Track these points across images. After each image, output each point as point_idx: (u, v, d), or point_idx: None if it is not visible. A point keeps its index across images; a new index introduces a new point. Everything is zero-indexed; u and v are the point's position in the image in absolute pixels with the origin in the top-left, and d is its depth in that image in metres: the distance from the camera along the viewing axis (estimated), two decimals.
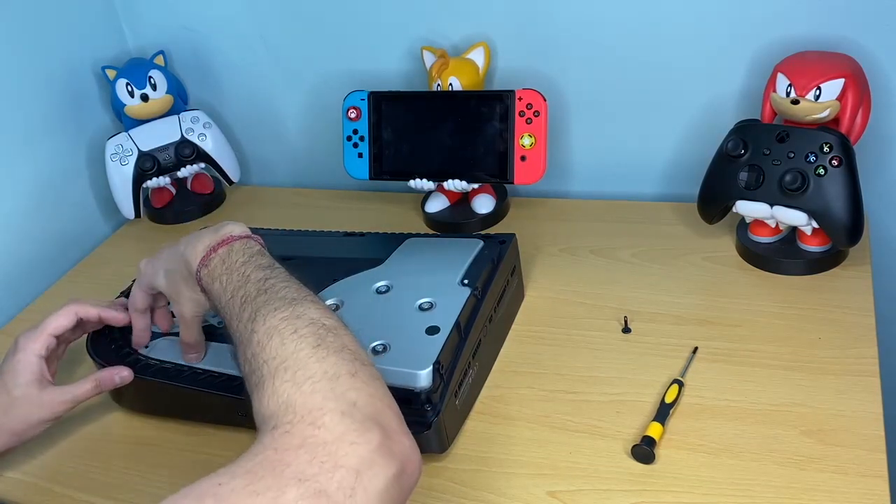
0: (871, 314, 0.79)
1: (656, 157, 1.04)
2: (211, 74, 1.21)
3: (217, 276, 0.64)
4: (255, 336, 0.56)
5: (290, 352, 0.54)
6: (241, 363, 0.58)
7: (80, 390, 0.74)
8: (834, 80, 0.79)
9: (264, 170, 1.28)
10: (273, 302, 0.58)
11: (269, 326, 0.56)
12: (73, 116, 1.14)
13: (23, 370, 0.73)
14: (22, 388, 0.72)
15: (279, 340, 0.54)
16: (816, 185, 0.80)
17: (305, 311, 0.57)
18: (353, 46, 1.10)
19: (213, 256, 0.66)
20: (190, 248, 0.68)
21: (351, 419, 0.49)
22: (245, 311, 0.59)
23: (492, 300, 0.79)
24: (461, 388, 0.72)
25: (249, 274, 0.63)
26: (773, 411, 0.70)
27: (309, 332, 0.55)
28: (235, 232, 0.68)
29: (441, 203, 1.06)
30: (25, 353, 0.73)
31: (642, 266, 0.92)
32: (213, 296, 0.65)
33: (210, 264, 0.66)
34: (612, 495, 0.65)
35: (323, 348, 0.54)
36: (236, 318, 0.60)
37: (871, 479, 0.63)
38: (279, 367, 0.53)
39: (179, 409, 0.78)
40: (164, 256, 0.72)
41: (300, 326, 0.55)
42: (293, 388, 0.51)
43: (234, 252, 0.65)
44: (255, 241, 0.68)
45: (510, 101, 0.94)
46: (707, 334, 0.80)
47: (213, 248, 0.66)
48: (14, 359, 0.73)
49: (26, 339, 0.74)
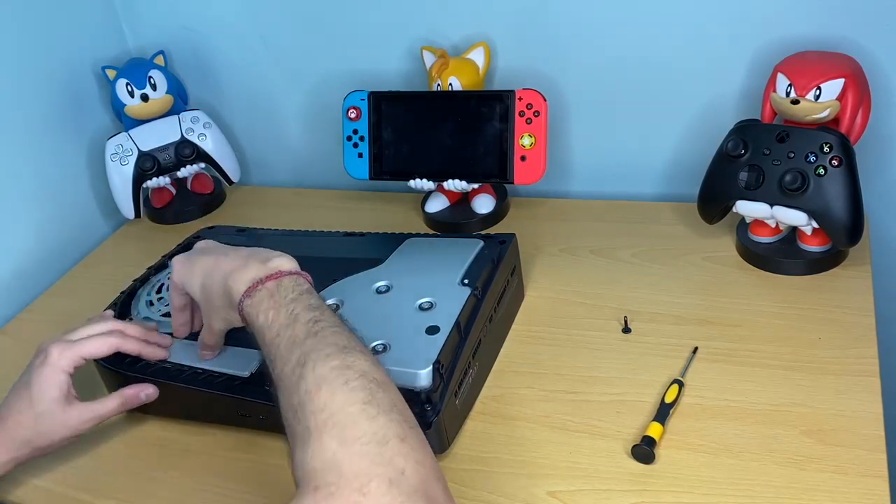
0: (871, 314, 0.79)
1: (656, 157, 1.04)
2: (211, 74, 1.21)
3: (263, 310, 0.62)
4: (304, 384, 0.54)
5: (339, 406, 0.52)
6: (284, 408, 0.56)
7: (106, 408, 0.73)
8: (834, 80, 0.79)
9: (264, 170, 1.28)
10: (323, 348, 0.56)
11: (318, 375, 0.54)
12: (73, 116, 1.14)
13: (49, 386, 0.71)
14: (47, 403, 0.70)
15: (329, 392, 0.53)
16: (816, 185, 0.80)
17: (356, 362, 0.55)
18: (353, 46, 1.10)
19: (259, 289, 0.63)
20: (235, 276, 0.66)
21: (398, 489, 0.48)
22: (293, 354, 0.57)
23: (492, 300, 0.79)
24: (461, 387, 0.72)
25: (298, 313, 0.60)
26: (773, 411, 0.70)
27: (360, 385, 0.53)
28: (285, 267, 0.65)
29: (441, 203, 1.06)
30: (54, 370, 0.71)
31: (642, 266, 0.92)
32: (255, 328, 0.63)
33: (255, 296, 0.63)
34: (612, 495, 0.65)
35: (373, 405, 0.52)
36: (282, 360, 0.58)
37: (871, 479, 0.63)
38: (327, 421, 0.51)
39: (180, 408, 0.78)
40: (203, 268, 0.70)
41: (351, 378, 0.54)
42: (340, 447, 0.50)
43: (282, 287, 0.63)
44: (304, 277, 0.66)
45: (510, 101, 0.94)
46: (707, 334, 0.80)
47: (261, 281, 0.64)
48: (42, 372, 0.71)
49: (58, 352, 0.72)
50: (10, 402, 0.72)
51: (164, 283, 0.88)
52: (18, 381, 0.73)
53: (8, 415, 0.71)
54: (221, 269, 0.68)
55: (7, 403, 0.72)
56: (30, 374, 0.72)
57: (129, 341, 0.75)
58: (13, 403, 0.71)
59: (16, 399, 0.71)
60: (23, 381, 0.72)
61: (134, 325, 0.78)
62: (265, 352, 0.61)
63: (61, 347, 0.72)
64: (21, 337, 0.99)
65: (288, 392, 0.56)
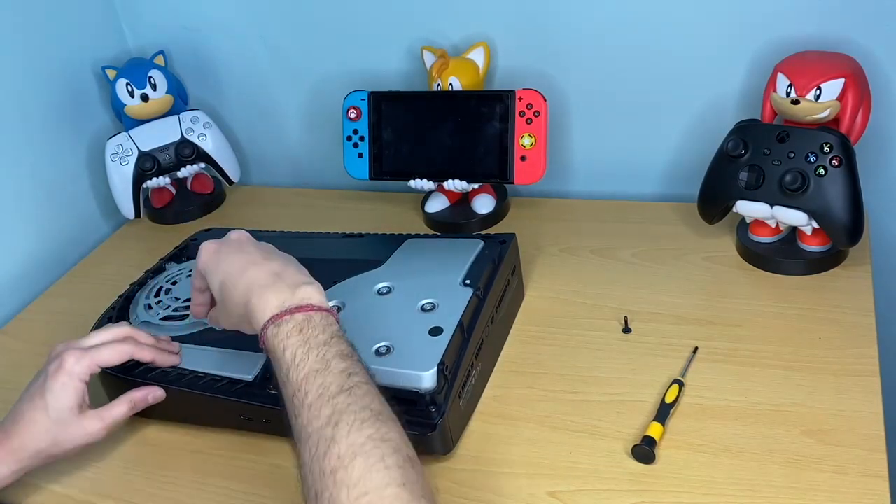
0: (871, 314, 0.79)
1: (656, 157, 1.04)
2: (211, 74, 1.21)
3: (290, 344, 0.60)
4: (336, 448, 0.53)
5: (375, 486, 0.51)
6: (308, 464, 0.54)
7: (118, 413, 0.72)
8: (834, 80, 0.79)
9: (264, 170, 1.28)
10: (358, 411, 0.55)
11: (352, 443, 0.53)
12: (73, 116, 1.14)
13: (66, 395, 0.70)
14: (63, 412, 0.69)
15: (365, 466, 0.52)
16: (816, 185, 0.80)
17: (390, 434, 0.55)
18: (353, 46, 1.10)
19: (287, 319, 0.61)
20: (261, 295, 0.63)
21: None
22: (323, 409, 0.56)
23: (493, 300, 0.79)
24: (465, 388, 0.72)
25: (330, 360, 0.59)
26: (773, 411, 0.70)
27: (394, 463, 0.53)
28: (314, 300, 0.63)
29: (441, 203, 1.06)
30: (71, 377, 0.70)
31: (642, 266, 0.92)
32: (278, 360, 0.61)
33: (283, 326, 0.61)
34: (612, 495, 0.65)
35: (407, 490, 0.52)
36: (310, 411, 0.56)
37: (871, 479, 0.63)
38: (360, 498, 0.51)
39: (183, 412, 0.78)
40: (228, 268, 0.67)
41: (387, 454, 0.53)
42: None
43: (312, 324, 0.61)
44: (332, 315, 0.64)
45: (510, 101, 0.94)
46: (707, 334, 0.80)
47: (290, 311, 0.62)
48: (58, 379, 0.70)
49: (74, 360, 0.70)
50: (22, 409, 0.70)
51: (163, 287, 0.88)
52: (30, 388, 0.72)
53: (21, 423, 0.70)
54: (247, 279, 0.65)
55: (19, 411, 0.70)
56: (44, 381, 0.71)
57: (143, 349, 0.75)
58: (26, 411, 0.70)
59: (29, 407, 0.70)
60: (36, 389, 0.71)
61: (145, 333, 0.77)
62: (287, 390, 0.59)
63: (77, 355, 0.71)
64: (21, 337, 0.98)
65: (315, 449, 0.54)
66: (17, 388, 0.88)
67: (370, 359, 0.70)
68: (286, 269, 0.66)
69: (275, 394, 0.71)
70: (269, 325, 0.62)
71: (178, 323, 0.82)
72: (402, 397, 0.68)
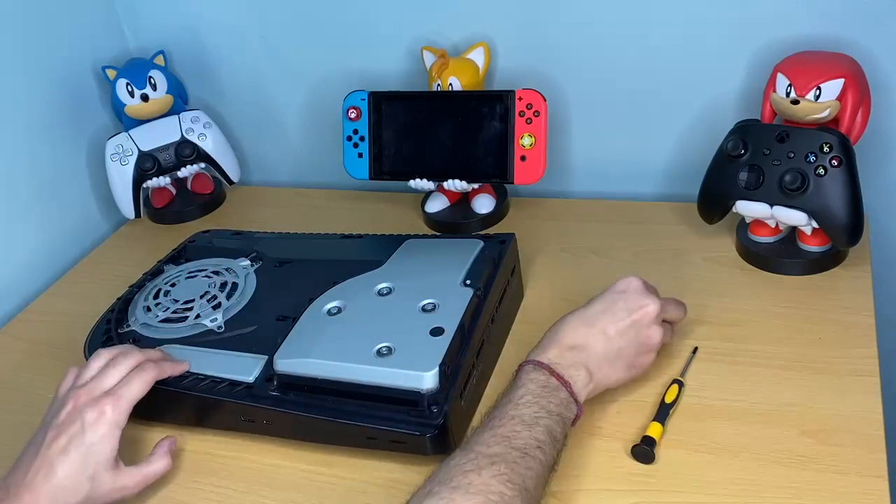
0: (871, 314, 0.79)
1: (656, 157, 1.04)
2: (211, 74, 1.21)
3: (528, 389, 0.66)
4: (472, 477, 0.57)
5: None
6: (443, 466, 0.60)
7: (159, 470, 0.70)
8: (834, 80, 0.79)
9: (264, 170, 1.28)
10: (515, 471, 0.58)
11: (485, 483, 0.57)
12: (73, 116, 1.14)
13: (107, 447, 0.66)
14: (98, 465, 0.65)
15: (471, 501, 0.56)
16: (816, 185, 0.80)
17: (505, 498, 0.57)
18: (353, 46, 1.10)
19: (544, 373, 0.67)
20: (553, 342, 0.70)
21: None
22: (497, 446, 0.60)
23: (493, 300, 0.79)
24: (466, 389, 0.72)
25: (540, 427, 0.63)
26: (773, 411, 0.70)
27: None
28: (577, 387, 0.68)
29: (441, 203, 1.06)
30: (112, 427, 0.66)
31: (642, 266, 0.92)
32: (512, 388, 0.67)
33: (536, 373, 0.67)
34: (612, 495, 0.65)
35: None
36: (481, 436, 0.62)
37: (871, 479, 0.63)
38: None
39: (183, 414, 0.78)
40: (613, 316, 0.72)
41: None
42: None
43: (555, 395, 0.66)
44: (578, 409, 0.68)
45: (510, 101, 0.94)
46: (707, 334, 0.80)
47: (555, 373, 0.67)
48: (98, 430, 0.66)
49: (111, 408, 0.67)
50: (53, 462, 0.64)
51: (161, 289, 0.88)
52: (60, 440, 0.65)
53: (53, 478, 0.64)
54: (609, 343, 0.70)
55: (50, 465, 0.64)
56: (80, 431, 0.66)
57: (160, 366, 0.73)
58: (58, 465, 0.64)
59: (62, 460, 0.64)
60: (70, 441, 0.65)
61: (151, 350, 0.75)
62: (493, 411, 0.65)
63: (112, 401, 0.67)
64: (21, 337, 0.98)
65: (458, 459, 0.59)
66: (18, 388, 0.89)
67: (371, 359, 0.70)
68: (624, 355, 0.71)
69: (275, 395, 0.72)
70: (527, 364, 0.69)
71: (178, 325, 0.82)
72: (403, 398, 0.68)
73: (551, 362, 0.68)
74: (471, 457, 0.59)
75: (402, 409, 0.68)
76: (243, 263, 0.90)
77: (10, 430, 0.82)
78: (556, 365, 0.68)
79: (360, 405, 0.69)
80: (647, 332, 0.71)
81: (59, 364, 0.89)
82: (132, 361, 0.72)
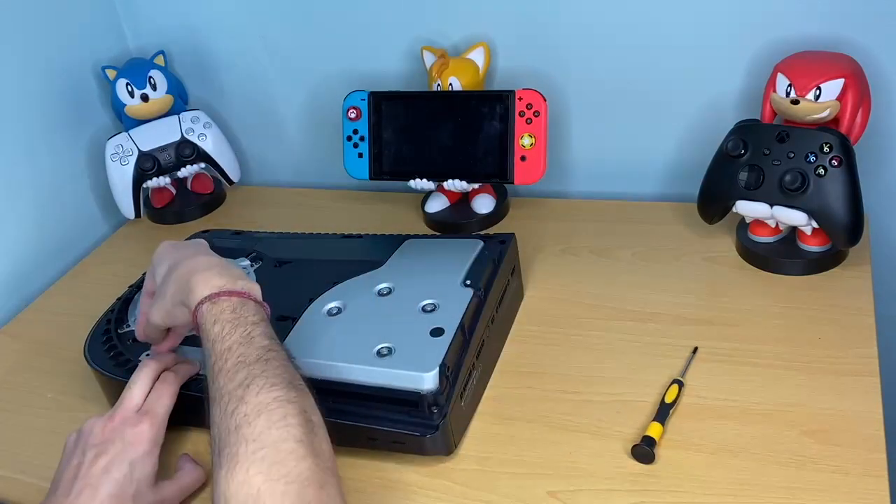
0: (871, 314, 0.79)
1: (656, 157, 1.04)
2: (211, 74, 1.21)
3: (221, 319, 0.63)
4: (243, 407, 0.56)
5: (273, 440, 0.54)
6: (217, 424, 0.57)
7: (193, 484, 0.70)
8: (834, 80, 0.79)
9: (264, 170, 1.28)
10: (270, 377, 0.58)
11: (259, 402, 0.56)
12: (73, 116, 1.14)
13: (150, 464, 0.66)
14: (140, 482, 0.65)
15: (267, 423, 0.55)
16: (816, 185, 0.80)
17: (298, 398, 0.57)
18: (353, 46, 1.10)
19: (223, 298, 0.65)
20: (202, 277, 0.66)
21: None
22: (239, 373, 0.59)
23: (493, 301, 0.79)
24: (466, 389, 0.72)
25: (254, 337, 0.62)
26: (773, 411, 0.70)
27: (297, 422, 0.55)
28: (254, 293, 0.67)
29: (441, 203, 1.06)
30: (152, 445, 0.67)
31: (642, 266, 0.92)
32: (206, 334, 0.64)
33: (219, 303, 0.64)
34: (612, 495, 0.65)
35: (305, 445, 0.55)
36: (226, 375, 0.59)
37: (871, 479, 0.63)
38: (257, 451, 0.54)
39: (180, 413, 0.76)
40: (177, 256, 0.71)
41: (290, 413, 0.56)
42: (265, 483, 0.52)
43: (246, 308, 0.65)
44: (265, 310, 0.67)
45: (510, 101, 0.94)
46: (707, 334, 0.80)
47: (228, 293, 0.65)
48: (139, 449, 0.66)
49: (149, 426, 0.67)
50: (96, 483, 0.64)
51: None
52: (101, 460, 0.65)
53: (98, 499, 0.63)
54: (193, 264, 0.68)
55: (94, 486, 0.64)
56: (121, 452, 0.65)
57: (179, 372, 0.73)
58: (102, 485, 0.64)
59: (106, 480, 0.64)
60: (112, 460, 0.65)
61: (164, 355, 0.75)
62: (209, 361, 0.62)
63: (149, 419, 0.68)
64: (21, 337, 0.98)
65: (225, 409, 0.57)
66: (18, 388, 0.89)
67: (371, 360, 0.70)
68: (232, 267, 0.70)
69: None
70: (204, 302, 0.65)
71: None
72: (403, 398, 0.68)
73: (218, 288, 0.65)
74: (226, 400, 0.57)
75: (402, 410, 0.68)
76: (243, 263, 0.89)
77: (9, 430, 0.83)
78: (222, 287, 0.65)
79: (360, 406, 0.69)
80: None
81: (59, 364, 0.90)
82: (152, 373, 0.72)
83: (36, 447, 0.78)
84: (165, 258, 0.72)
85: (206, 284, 0.66)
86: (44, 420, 0.83)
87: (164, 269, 0.71)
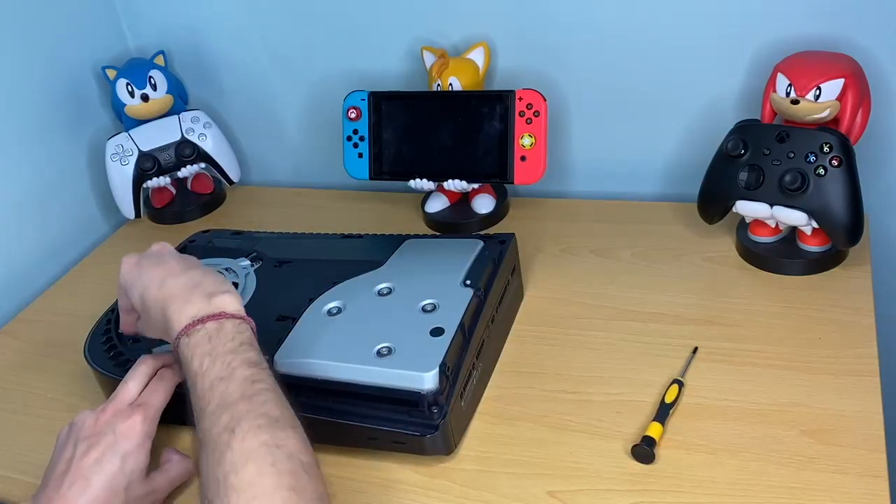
0: (871, 314, 0.79)
1: (656, 157, 1.04)
2: (211, 74, 1.21)
3: (198, 354, 0.61)
4: (230, 453, 0.54)
5: (264, 490, 0.52)
6: (204, 471, 0.55)
7: (182, 475, 0.70)
8: (834, 80, 0.79)
9: (264, 170, 1.28)
10: (255, 418, 0.56)
11: (247, 448, 0.54)
12: (73, 116, 1.14)
13: (143, 458, 0.66)
14: (132, 474, 0.65)
15: (256, 470, 0.53)
16: (816, 185, 0.80)
17: (287, 441, 0.55)
18: (353, 46, 1.11)
19: (199, 328, 0.62)
20: (176, 307, 0.64)
21: None
22: (222, 415, 0.56)
23: (493, 300, 0.79)
24: (466, 389, 0.72)
25: (235, 368, 0.59)
26: (773, 411, 0.70)
27: (287, 468, 0.53)
28: (229, 309, 0.64)
29: (441, 203, 1.06)
30: (144, 438, 0.66)
31: (642, 266, 0.92)
32: (186, 369, 0.62)
33: (193, 336, 0.62)
34: (612, 495, 0.65)
35: (297, 493, 0.53)
36: (209, 418, 0.57)
37: (871, 479, 0.63)
38: (250, 502, 0.52)
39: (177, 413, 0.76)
40: (146, 281, 0.68)
41: (279, 459, 0.54)
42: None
43: (224, 332, 0.62)
44: (247, 323, 0.64)
45: (510, 101, 0.94)
46: (707, 334, 0.80)
47: (202, 320, 0.62)
48: (131, 440, 0.66)
49: (142, 418, 0.67)
50: (88, 475, 0.64)
51: None
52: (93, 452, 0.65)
53: (90, 491, 0.63)
54: (165, 290, 0.66)
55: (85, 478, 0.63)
56: (113, 445, 0.65)
57: (177, 369, 0.71)
58: (94, 477, 0.64)
59: (97, 472, 0.64)
60: (104, 452, 0.65)
61: (163, 354, 0.74)
62: (194, 400, 0.60)
63: (141, 412, 0.67)
64: (21, 337, 0.98)
65: (212, 456, 0.55)
66: (17, 388, 0.89)
67: (371, 360, 0.70)
68: (204, 280, 0.67)
69: None
70: (181, 336, 0.63)
71: None
72: (403, 398, 0.68)
73: (192, 317, 0.63)
74: (212, 447, 0.55)
75: (402, 410, 0.68)
76: (243, 263, 0.89)
77: (9, 430, 0.83)
78: (196, 315, 0.63)
79: (360, 405, 0.69)
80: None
81: (59, 364, 0.90)
82: (148, 370, 0.72)
83: (36, 447, 0.78)
84: (135, 283, 0.69)
85: (180, 315, 0.64)
86: (43, 420, 0.83)
87: (137, 295, 0.69)
